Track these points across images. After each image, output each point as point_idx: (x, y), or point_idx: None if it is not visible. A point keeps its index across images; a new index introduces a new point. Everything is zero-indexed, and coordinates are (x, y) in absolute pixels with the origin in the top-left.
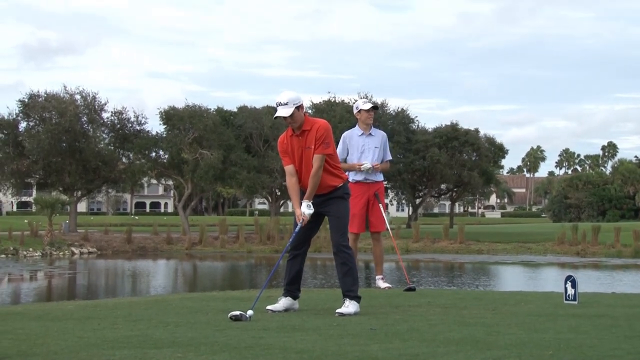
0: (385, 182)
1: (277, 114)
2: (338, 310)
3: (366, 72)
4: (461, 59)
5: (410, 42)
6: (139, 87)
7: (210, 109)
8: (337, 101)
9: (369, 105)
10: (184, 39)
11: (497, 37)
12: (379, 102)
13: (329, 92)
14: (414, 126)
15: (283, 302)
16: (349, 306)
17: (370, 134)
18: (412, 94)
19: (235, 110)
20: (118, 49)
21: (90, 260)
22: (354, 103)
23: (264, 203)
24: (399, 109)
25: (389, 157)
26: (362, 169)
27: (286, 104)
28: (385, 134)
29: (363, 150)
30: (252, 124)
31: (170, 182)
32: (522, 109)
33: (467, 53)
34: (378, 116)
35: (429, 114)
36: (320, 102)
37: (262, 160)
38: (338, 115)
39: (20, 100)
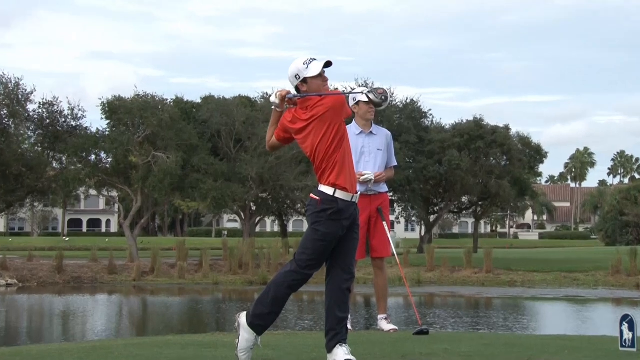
0: (391, 194)
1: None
2: None
3: (368, 52)
4: (489, 36)
5: (425, 14)
6: (78, 71)
7: (168, 100)
8: (334, 88)
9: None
10: (137, 10)
11: (535, 9)
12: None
13: None
14: (427, 122)
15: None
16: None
17: (371, 132)
18: (426, 80)
19: (199, 101)
20: (52, 21)
21: (8, 295)
22: (347, 95)
23: (235, 221)
24: (408, 100)
25: (395, 163)
26: (361, 180)
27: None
28: (389, 132)
29: (362, 153)
30: (221, 118)
31: (115, 194)
32: (566, 101)
33: (496, 29)
34: (381, 110)
35: (447, 107)
36: None
37: (233, 165)
38: None
39: None
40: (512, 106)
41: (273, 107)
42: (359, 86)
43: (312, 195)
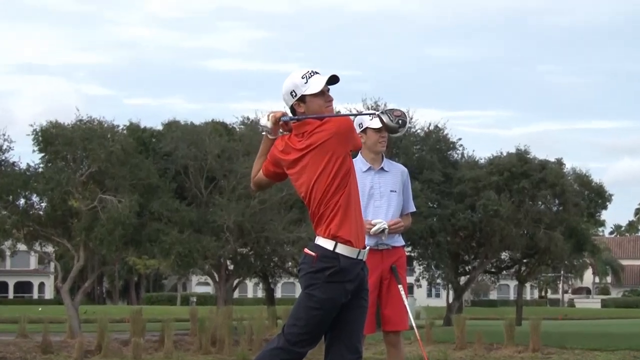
0: (409, 249)
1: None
2: None
3: (380, 65)
4: (538, 44)
5: (452, 15)
6: (2, 90)
7: (119, 127)
8: (336, 112)
9: (379, 122)
10: (80, 10)
11: (598, 8)
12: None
13: None
14: (455, 155)
15: None
16: None
17: (382, 168)
18: (454, 101)
19: (161, 128)
20: None
21: None
22: (354, 117)
23: (207, 284)
24: (432, 127)
25: (413, 208)
26: (371, 232)
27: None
28: (406, 169)
29: (371, 196)
30: (189, 151)
31: (50, 249)
32: (637, 128)
33: (547, 35)
34: (395, 138)
35: (482, 135)
36: None
37: (205, 211)
38: None
39: None
40: (567, 134)
41: (264, 132)
42: (368, 109)
43: (306, 250)
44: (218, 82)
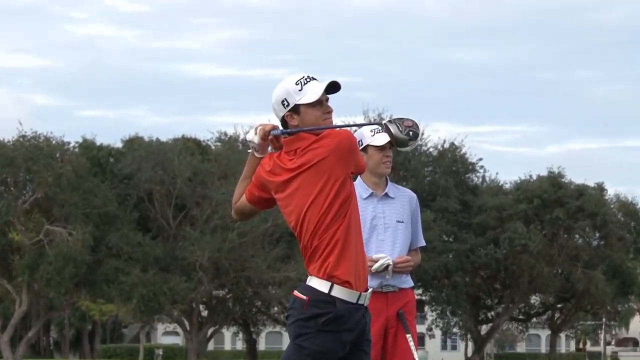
0: (419, 292)
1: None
2: None
3: (385, 71)
4: (577, 46)
5: (474, 12)
6: None
7: (71, 144)
8: None
9: (384, 138)
10: (25, 3)
11: None
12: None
13: None
14: (475, 178)
15: None
16: None
17: (386, 194)
18: (475, 114)
19: (120, 146)
20: None
21: None
22: (357, 128)
23: (176, 333)
24: (447, 145)
25: (423, 242)
26: (373, 270)
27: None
28: (414, 195)
29: (374, 227)
30: (153, 173)
31: None
32: None
33: (588, 35)
34: (403, 158)
35: (507, 155)
36: None
37: (173, 245)
38: None
39: None
40: (610, 154)
41: (250, 148)
42: (371, 122)
43: (296, 292)
44: (190, 90)
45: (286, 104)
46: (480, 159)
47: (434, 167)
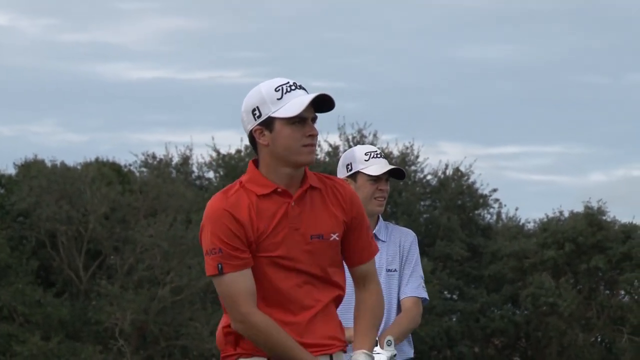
0: None
1: (308, 100)
2: None
3: (373, 72)
4: (632, 40)
5: None
6: None
7: None
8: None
9: (382, 165)
10: None
11: None
12: (407, 156)
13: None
14: (488, 216)
15: None
16: None
17: (374, 236)
18: (489, 131)
19: (13, 172)
20: None
21: None
22: (341, 154)
23: None
24: (449, 171)
25: (424, 294)
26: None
27: (306, 89)
28: (411, 232)
29: None
30: (58, 208)
31: None
32: None
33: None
34: (391, 189)
35: (532, 184)
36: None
37: (85, 304)
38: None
39: None
40: None
41: None
42: (348, 141)
43: None
44: (110, 99)
45: (257, 114)
46: (494, 190)
47: (432, 201)
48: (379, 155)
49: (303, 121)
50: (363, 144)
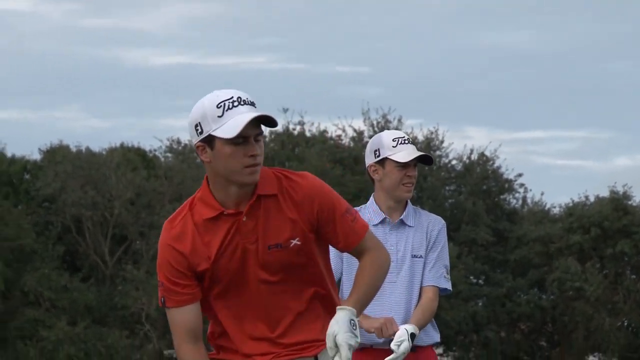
0: (439, 352)
1: (245, 122)
2: None
3: (397, 58)
4: None
5: None
6: None
7: None
8: (319, 132)
9: (410, 152)
10: None
11: None
12: (432, 141)
13: (302, 115)
14: (513, 201)
15: None
16: None
17: (402, 221)
18: (515, 116)
19: (39, 158)
20: None
21: None
22: (367, 140)
23: None
24: (474, 156)
25: (444, 283)
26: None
27: (253, 103)
28: (440, 219)
29: None
30: (84, 194)
31: None
32: None
33: None
34: (423, 172)
35: (558, 169)
36: (282, 132)
37: (111, 290)
38: (320, 169)
39: None
40: None
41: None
42: (373, 127)
43: None
44: (135, 85)
45: (199, 130)
46: (520, 175)
47: (457, 186)
48: (406, 141)
49: (245, 140)
50: (388, 129)
